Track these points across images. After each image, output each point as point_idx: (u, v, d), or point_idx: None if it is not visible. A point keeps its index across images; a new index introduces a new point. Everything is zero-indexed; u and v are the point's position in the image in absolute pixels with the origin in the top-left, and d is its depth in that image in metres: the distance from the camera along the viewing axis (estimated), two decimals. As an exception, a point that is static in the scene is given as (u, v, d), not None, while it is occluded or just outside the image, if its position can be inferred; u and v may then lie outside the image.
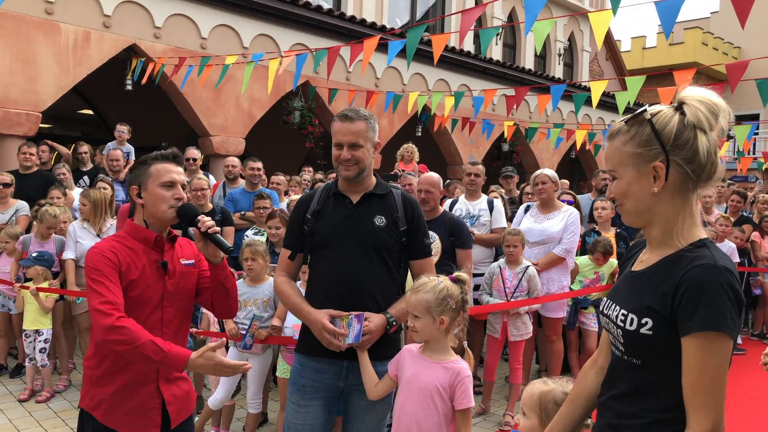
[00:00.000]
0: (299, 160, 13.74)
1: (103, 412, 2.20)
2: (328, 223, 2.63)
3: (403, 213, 2.66)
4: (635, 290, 1.51)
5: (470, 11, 4.08)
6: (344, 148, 2.58)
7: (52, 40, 7.74)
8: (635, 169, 1.48)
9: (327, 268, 2.62)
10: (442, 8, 16.00)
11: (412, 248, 2.69)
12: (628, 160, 1.49)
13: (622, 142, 1.51)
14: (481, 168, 5.51)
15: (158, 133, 11.99)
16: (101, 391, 2.21)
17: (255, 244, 4.18)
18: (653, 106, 1.52)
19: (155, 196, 2.27)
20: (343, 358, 2.56)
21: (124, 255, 2.22)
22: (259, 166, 6.48)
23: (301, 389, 2.62)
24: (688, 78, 5.56)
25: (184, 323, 2.40)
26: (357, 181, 2.64)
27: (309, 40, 10.23)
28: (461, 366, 2.39)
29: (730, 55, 26.29)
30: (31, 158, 6.49)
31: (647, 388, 1.46)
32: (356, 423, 2.67)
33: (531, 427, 1.92)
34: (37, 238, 5.40)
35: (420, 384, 2.37)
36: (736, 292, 1.37)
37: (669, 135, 1.45)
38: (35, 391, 5.10)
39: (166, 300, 2.28)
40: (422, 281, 2.42)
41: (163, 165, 2.30)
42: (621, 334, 1.49)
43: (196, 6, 8.99)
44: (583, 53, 19.94)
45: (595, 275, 5.34)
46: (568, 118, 15.20)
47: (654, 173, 1.46)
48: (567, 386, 1.93)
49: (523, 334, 4.78)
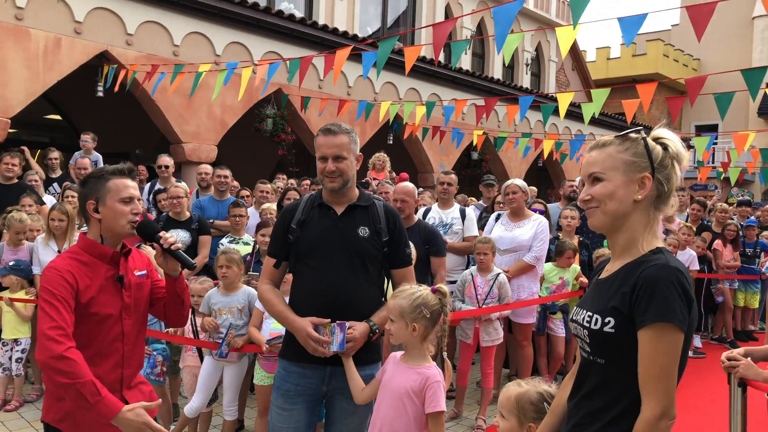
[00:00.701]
0: (271, 168, 13.75)
1: (69, 425, 2.20)
2: (313, 232, 2.71)
3: (386, 224, 2.77)
4: (600, 294, 1.66)
5: (442, 25, 4.21)
6: (329, 160, 2.66)
7: (23, 46, 7.65)
8: (625, 176, 1.64)
9: (312, 277, 2.70)
10: (413, 16, 16.20)
11: (394, 258, 2.81)
12: (620, 166, 1.65)
13: (615, 150, 1.67)
14: (454, 177, 5.65)
15: (128, 140, 11.91)
16: (65, 404, 2.18)
17: (230, 252, 4.23)
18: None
19: (114, 211, 2.29)
20: (327, 364, 2.65)
21: (81, 273, 2.22)
22: (227, 173, 6.51)
23: (285, 393, 2.71)
24: (650, 91, 5.80)
25: (140, 334, 2.45)
26: (341, 193, 2.73)
27: (281, 49, 10.30)
28: (432, 372, 2.48)
29: (690, 66, 27.13)
30: (13, 169, 6.42)
31: (611, 385, 1.60)
32: (338, 425, 2.76)
33: (510, 428, 2.03)
34: (10, 246, 5.36)
35: (392, 387, 2.47)
36: (685, 289, 1.53)
37: (657, 156, 1.65)
38: (6, 400, 5.05)
39: (124, 313, 2.32)
40: (403, 288, 2.54)
41: (121, 180, 2.32)
42: (587, 335, 1.63)
43: (169, 13, 8.97)
44: (550, 63, 20.36)
45: (560, 281, 5.52)
46: (535, 127, 15.53)
47: (640, 183, 1.63)
48: (540, 386, 2.05)
49: (494, 339, 4.92)
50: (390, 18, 15.95)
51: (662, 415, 1.49)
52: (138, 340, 2.43)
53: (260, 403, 4.16)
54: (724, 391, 3.21)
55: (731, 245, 7.99)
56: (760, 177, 14.25)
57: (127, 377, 2.33)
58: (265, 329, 4.02)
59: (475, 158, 14.42)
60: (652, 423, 1.49)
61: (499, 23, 3.66)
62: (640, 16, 4.38)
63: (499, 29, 3.67)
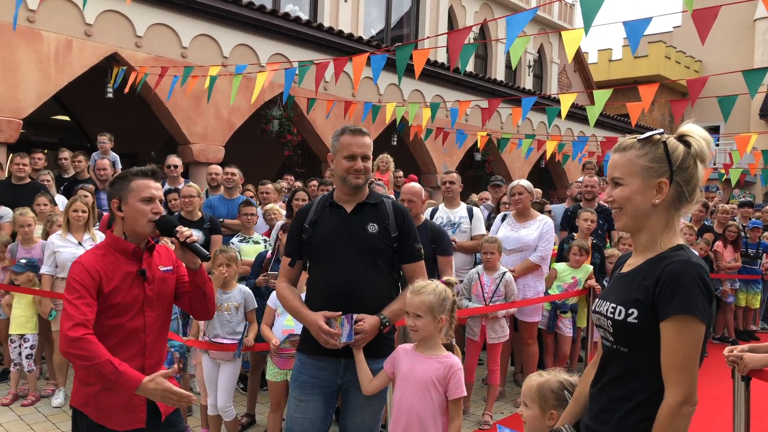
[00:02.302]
0: (276, 168, 13.86)
1: (92, 410, 2.35)
2: (324, 231, 2.85)
3: (394, 220, 2.88)
4: (623, 287, 1.76)
5: (458, 33, 4.32)
6: (358, 159, 2.80)
7: (34, 48, 7.77)
8: (642, 181, 1.71)
9: (324, 273, 2.83)
10: (416, 18, 16.31)
11: (404, 253, 2.92)
12: (638, 171, 1.71)
13: (635, 155, 1.73)
14: (456, 176, 5.75)
15: (135, 141, 12.01)
16: (90, 389, 2.35)
17: (229, 251, 4.34)
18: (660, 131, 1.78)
19: (135, 210, 2.42)
20: (341, 357, 2.76)
21: (105, 267, 2.37)
22: (235, 171, 6.62)
23: (302, 385, 2.83)
24: (652, 93, 5.89)
25: (164, 327, 2.56)
26: (360, 191, 2.86)
27: (288, 51, 10.41)
28: (453, 360, 2.64)
29: (692, 68, 27.20)
30: (24, 169, 6.53)
31: (634, 373, 1.70)
32: (353, 417, 2.87)
33: (533, 416, 2.15)
34: (24, 245, 5.47)
35: (416, 377, 2.60)
36: (706, 283, 1.62)
37: (677, 158, 1.71)
38: (19, 395, 5.15)
39: (147, 305, 2.44)
40: (422, 284, 2.65)
41: (143, 181, 2.45)
42: (610, 325, 1.73)
43: (177, 16, 9.09)
44: (552, 65, 20.46)
45: (573, 280, 5.62)
46: (538, 128, 15.63)
47: (658, 187, 1.69)
48: (560, 375, 2.18)
49: (500, 336, 5.02)
50: (393, 19, 16.06)
51: (684, 401, 1.59)
52: (161, 333, 2.54)
53: (273, 398, 4.25)
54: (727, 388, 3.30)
55: (732, 246, 8.08)
56: (761, 178, 14.35)
57: (148, 368, 2.42)
58: (277, 326, 4.11)
59: (478, 159, 14.52)
60: (675, 409, 1.59)
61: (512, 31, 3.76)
62: (644, 20, 4.48)
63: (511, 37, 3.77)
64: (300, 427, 2.82)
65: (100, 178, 7.21)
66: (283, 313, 4.08)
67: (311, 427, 2.82)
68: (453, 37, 4.30)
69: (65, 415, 4.80)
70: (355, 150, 2.81)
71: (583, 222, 5.96)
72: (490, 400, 5.06)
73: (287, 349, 3.92)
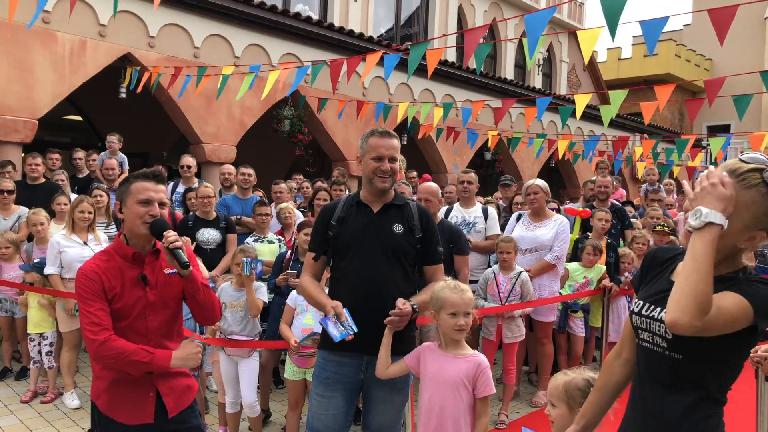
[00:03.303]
0: (286, 167, 13.89)
1: (102, 402, 2.42)
2: (351, 229, 2.90)
3: (419, 222, 2.92)
4: None
5: (474, 31, 4.31)
6: (385, 160, 2.84)
7: (49, 49, 7.83)
8: (742, 223, 1.58)
9: (349, 270, 2.88)
10: (426, 16, 16.30)
11: (426, 254, 2.96)
12: (745, 213, 1.57)
13: (762, 195, 1.57)
14: (473, 176, 5.76)
15: (146, 141, 12.08)
16: (102, 383, 2.42)
17: (247, 251, 4.37)
18: None
19: (132, 212, 2.42)
20: (364, 353, 2.80)
21: (107, 271, 2.37)
22: (251, 172, 6.67)
23: (324, 381, 2.88)
24: (668, 93, 5.88)
25: (172, 330, 2.54)
26: (387, 192, 2.90)
27: (299, 50, 10.44)
28: (481, 358, 2.67)
29: (702, 66, 27.07)
30: (37, 169, 6.57)
31: (689, 379, 1.69)
32: (375, 415, 2.91)
33: (561, 415, 2.17)
34: (38, 245, 5.51)
35: (446, 378, 2.62)
36: None
37: None
38: (38, 392, 5.20)
39: (148, 310, 2.43)
40: (457, 282, 2.71)
41: (142, 183, 2.44)
42: (667, 330, 1.68)
43: (190, 16, 9.13)
44: (562, 64, 20.41)
45: (585, 280, 5.61)
46: (548, 127, 15.60)
47: (754, 235, 1.59)
48: (585, 373, 2.19)
49: (516, 336, 5.02)
50: (402, 17, 16.06)
51: None
52: (167, 335, 2.51)
53: (291, 396, 4.28)
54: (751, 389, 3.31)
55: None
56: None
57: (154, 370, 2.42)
58: (296, 325, 4.14)
59: (488, 158, 14.51)
60: None
61: (531, 31, 3.76)
62: (661, 20, 4.46)
63: (531, 37, 3.77)
64: (322, 423, 2.86)
65: (107, 177, 7.26)
66: (302, 312, 4.11)
67: (334, 423, 2.86)
68: (468, 36, 4.30)
69: (84, 412, 4.84)
70: (383, 152, 2.85)
71: (597, 222, 5.94)
72: (506, 399, 5.06)
73: (307, 348, 3.94)
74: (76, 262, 4.98)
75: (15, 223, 6.04)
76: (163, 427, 2.47)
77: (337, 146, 11.44)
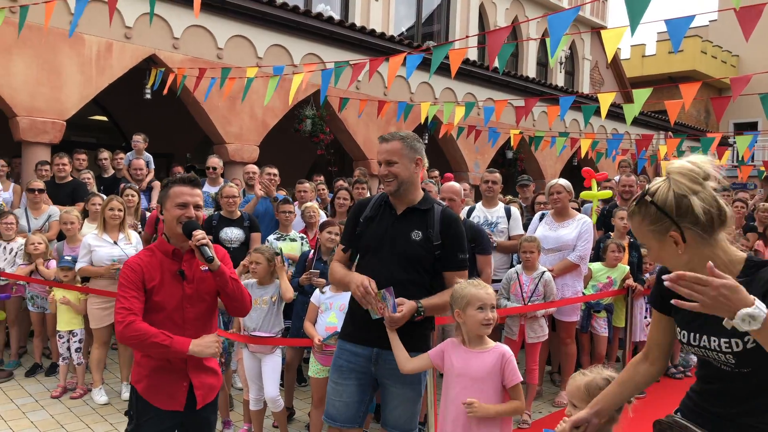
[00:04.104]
0: (307, 167, 13.98)
1: (142, 387, 2.66)
2: (374, 230, 2.98)
3: (439, 228, 2.91)
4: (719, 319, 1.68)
5: (497, 32, 4.30)
6: (382, 165, 2.93)
7: (77, 51, 7.98)
8: (657, 241, 1.73)
9: (367, 269, 2.95)
10: (447, 14, 16.27)
11: (446, 261, 2.94)
12: (648, 235, 1.74)
13: (638, 222, 1.76)
14: (498, 176, 5.76)
15: (171, 141, 12.23)
16: (142, 369, 2.67)
17: (262, 249, 4.44)
18: (652, 183, 1.75)
19: (170, 214, 2.66)
20: (374, 345, 2.89)
21: (149, 265, 2.64)
22: (275, 172, 6.76)
23: (339, 369, 2.99)
24: (693, 91, 5.81)
25: (208, 323, 2.75)
26: (398, 195, 2.93)
27: (320, 51, 10.49)
28: (503, 348, 2.71)
29: (729, 63, 26.64)
30: (64, 168, 6.72)
31: (761, 388, 1.70)
32: (391, 410, 2.96)
33: None
34: (69, 244, 5.62)
35: (472, 374, 2.66)
36: None
37: (671, 207, 1.67)
38: (67, 388, 5.31)
39: (186, 302, 2.65)
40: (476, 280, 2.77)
41: (180, 188, 2.68)
42: (732, 356, 1.70)
43: (213, 17, 9.23)
44: (584, 61, 20.22)
45: (608, 280, 5.58)
46: (570, 126, 15.48)
47: (673, 240, 1.69)
48: (604, 372, 2.19)
49: (539, 336, 5.01)
50: (423, 15, 16.04)
51: None
52: (203, 327, 2.71)
53: (315, 395, 4.31)
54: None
55: (773, 245, 7.89)
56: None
57: (192, 359, 2.63)
58: (320, 323, 4.17)
59: (510, 157, 14.44)
60: None
61: (554, 32, 3.75)
62: (687, 18, 4.41)
63: (554, 36, 3.76)
64: (335, 409, 2.97)
65: (135, 177, 7.38)
66: (326, 310, 4.14)
67: (346, 410, 2.94)
68: (491, 37, 4.29)
69: (112, 408, 4.94)
70: (378, 157, 2.96)
71: (619, 221, 5.90)
72: (529, 399, 5.05)
73: (331, 346, 3.98)
74: (105, 261, 5.09)
75: (45, 222, 6.18)
76: (189, 416, 2.70)
77: (358, 145, 11.48)
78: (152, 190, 7.61)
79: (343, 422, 2.96)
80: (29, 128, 7.68)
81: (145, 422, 2.64)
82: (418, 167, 2.94)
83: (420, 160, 2.95)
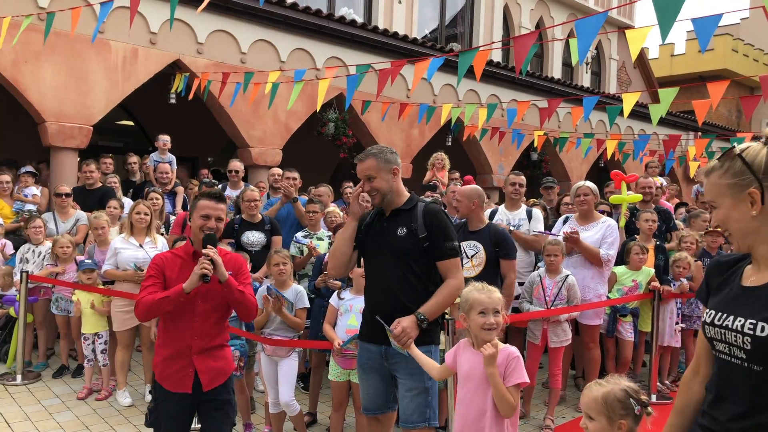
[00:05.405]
0: (330, 170, 14.01)
1: (157, 372, 3.08)
2: (369, 235, 3.28)
3: (422, 222, 3.15)
4: (760, 303, 1.64)
5: (525, 37, 4.24)
6: (362, 182, 3.21)
7: (103, 57, 8.11)
8: (732, 198, 1.68)
9: (369, 272, 3.31)
10: (471, 16, 16.19)
11: (435, 251, 3.14)
12: (725, 191, 1.69)
13: (717, 176, 1.71)
14: (524, 178, 5.70)
15: (195, 144, 12.35)
16: (157, 358, 3.10)
17: (282, 252, 4.52)
18: (743, 144, 1.72)
19: (195, 223, 3.09)
20: (381, 344, 3.14)
21: (170, 261, 3.08)
22: (296, 176, 6.76)
23: (362, 366, 3.33)
24: (721, 90, 5.66)
25: (218, 316, 3.10)
26: (385, 204, 3.23)
27: (343, 54, 10.51)
28: (510, 349, 2.70)
29: (761, 61, 26.04)
30: (92, 175, 6.85)
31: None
32: (404, 401, 3.17)
33: (601, 428, 2.04)
34: (99, 247, 5.70)
35: (478, 374, 2.68)
36: None
37: (760, 165, 1.64)
38: (93, 390, 5.38)
39: (199, 297, 2.99)
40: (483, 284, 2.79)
41: (206, 202, 3.08)
42: (749, 341, 1.60)
43: (236, 22, 9.31)
44: (611, 62, 19.96)
45: (633, 283, 5.47)
46: (596, 127, 15.27)
47: (750, 199, 1.64)
48: (622, 382, 2.07)
49: (563, 340, 4.93)
50: (447, 17, 15.97)
51: None
52: (212, 320, 3.07)
53: (335, 398, 4.31)
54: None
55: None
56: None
57: (195, 347, 3.02)
58: (340, 326, 4.17)
59: (535, 159, 14.28)
60: None
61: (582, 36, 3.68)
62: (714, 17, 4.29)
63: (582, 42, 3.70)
64: (368, 401, 3.33)
65: (161, 181, 7.46)
66: (346, 312, 4.13)
67: (375, 399, 3.29)
68: (518, 42, 4.23)
69: (137, 410, 4.99)
70: (359, 176, 3.21)
71: (644, 223, 5.79)
72: (552, 404, 4.98)
73: (350, 350, 3.96)
74: (128, 263, 5.16)
75: (73, 226, 6.28)
76: (200, 397, 3.04)
77: (381, 148, 11.44)
78: (176, 195, 7.70)
79: (376, 411, 3.31)
80: (57, 134, 7.82)
81: (161, 402, 3.06)
82: (396, 176, 3.21)
83: (396, 169, 3.22)
